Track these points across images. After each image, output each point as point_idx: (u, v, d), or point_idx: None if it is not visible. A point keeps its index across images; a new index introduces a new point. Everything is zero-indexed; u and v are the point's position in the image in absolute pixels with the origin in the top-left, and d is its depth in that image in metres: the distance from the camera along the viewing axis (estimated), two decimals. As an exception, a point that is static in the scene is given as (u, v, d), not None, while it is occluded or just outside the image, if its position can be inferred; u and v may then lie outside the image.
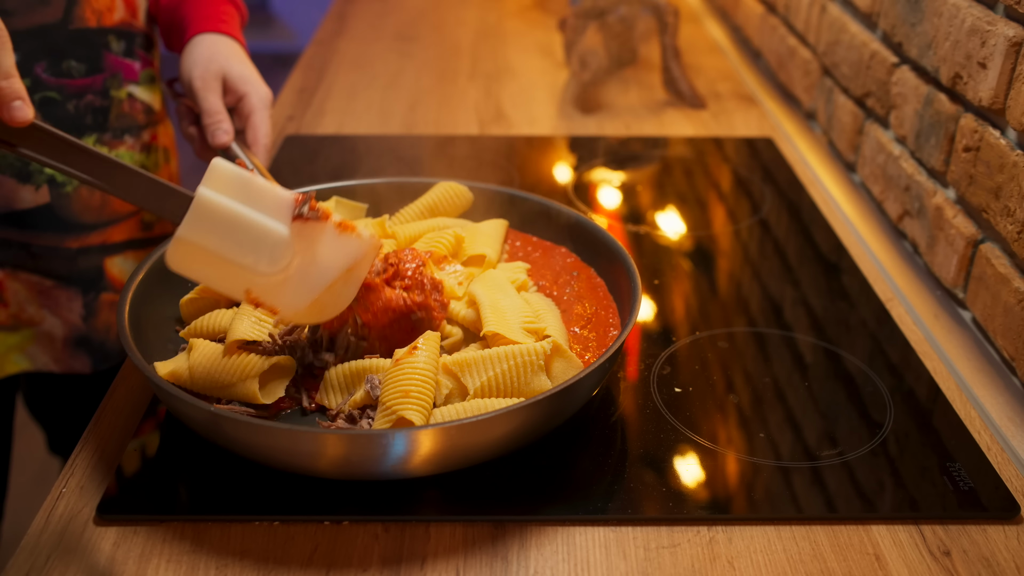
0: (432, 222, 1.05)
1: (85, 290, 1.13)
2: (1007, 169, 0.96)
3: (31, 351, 1.13)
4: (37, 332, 1.12)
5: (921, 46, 1.16)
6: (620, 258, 0.97)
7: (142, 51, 1.14)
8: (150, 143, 1.17)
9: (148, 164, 1.17)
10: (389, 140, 1.49)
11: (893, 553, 0.76)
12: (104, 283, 1.14)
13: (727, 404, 0.91)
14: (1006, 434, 0.89)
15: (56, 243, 1.09)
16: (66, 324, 1.13)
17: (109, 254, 1.14)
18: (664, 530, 0.77)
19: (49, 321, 1.12)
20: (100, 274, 1.14)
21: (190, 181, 0.85)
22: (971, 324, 1.05)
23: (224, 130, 1.04)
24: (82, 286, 1.13)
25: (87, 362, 1.15)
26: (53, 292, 1.11)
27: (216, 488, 0.80)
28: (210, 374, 0.82)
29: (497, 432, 0.76)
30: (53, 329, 1.12)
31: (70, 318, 1.13)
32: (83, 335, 1.14)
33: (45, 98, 1.04)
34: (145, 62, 1.14)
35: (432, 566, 0.74)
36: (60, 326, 1.12)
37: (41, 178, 1.06)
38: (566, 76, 1.79)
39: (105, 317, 1.15)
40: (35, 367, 1.13)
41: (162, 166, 1.21)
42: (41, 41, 1.02)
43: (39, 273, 1.10)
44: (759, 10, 1.85)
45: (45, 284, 1.10)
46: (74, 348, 1.14)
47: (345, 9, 2.18)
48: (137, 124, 1.14)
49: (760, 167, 1.43)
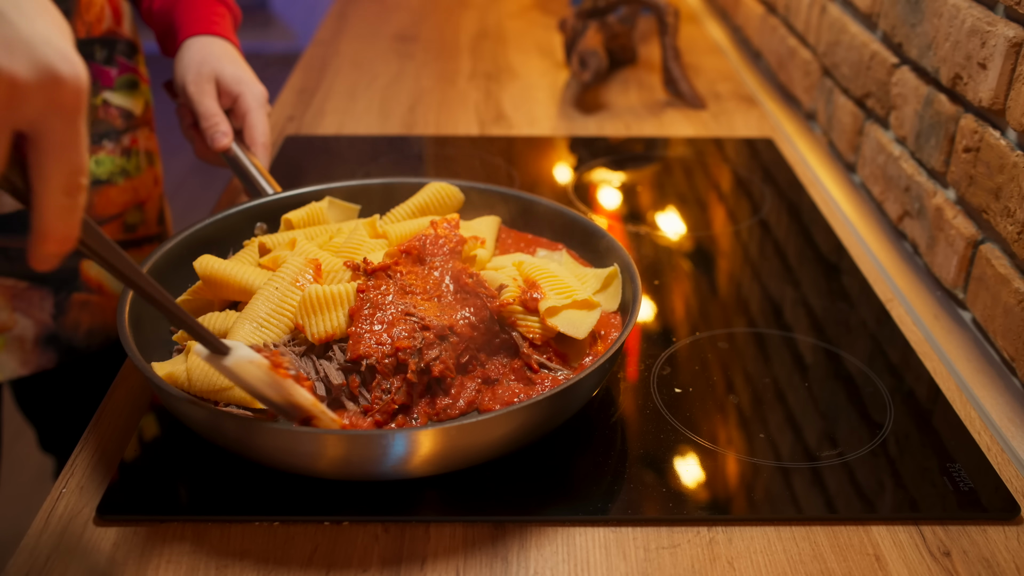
0: (422, 221, 1.05)
1: (57, 289, 1.12)
2: (1007, 170, 0.96)
3: (0, 359, 1.11)
4: (8, 338, 1.10)
5: (921, 47, 1.16)
6: (620, 258, 0.97)
7: (123, 57, 1.14)
8: (130, 147, 1.16)
9: (129, 168, 1.16)
10: (389, 140, 1.49)
11: (893, 553, 0.76)
12: (78, 283, 1.13)
13: (727, 405, 0.91)
14: (1006, 435, 0.89)
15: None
16: (37, 324, 1.11)
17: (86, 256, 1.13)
18: (664, 531, 0.77)
19: (21, 324, 1.10)
20: (75, 275, 1.13)
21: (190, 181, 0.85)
22: (971, 325, 1.05)
23: (222, 132, 1.04)
24: (55, 286, 1.12)
25: (53, 357, 1.14)
26: (26, 293, 1.10)
27: (216, 488, 0.80)
28: (208, 377, 0.82)
29: (498, 433, 0.76)
30: (24, 331, 1.11)
31: (40, 317, 1.11)
32: (52, 333, 1.13)
33: None
34: (124, 68, 1.14)
35: (432, 566, 0.74)
36: (31, 327, 1.11)
37: None
38: (566, 76, 1.79)
39: (75, 315, 1.14)
40: (4, 376, 1.12)
41: (145, 169, 1.20)
42: None
43: (14, 276, 1.09)
44: (759, 10, 1.85)
45: (19, 286, 1.09)
46: (43, 347, 1.13)
47: (345, 9, 2.18)
48: (115, 129, 1.14)
49: (760, 167, 1.43)
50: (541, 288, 0.89)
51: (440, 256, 0.91)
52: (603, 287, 0.95)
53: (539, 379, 0.85)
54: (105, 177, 1.13)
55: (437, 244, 0.92)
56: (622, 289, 0.96)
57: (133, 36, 1.17)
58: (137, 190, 1.18)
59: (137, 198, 1.19)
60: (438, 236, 0.93)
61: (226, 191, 1.35)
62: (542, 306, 0.87)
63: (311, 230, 1.01)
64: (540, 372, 0.85)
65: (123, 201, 1.16)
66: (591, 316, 0.88)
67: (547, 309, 0.87)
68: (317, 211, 1.04)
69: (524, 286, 0.90)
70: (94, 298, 1.15)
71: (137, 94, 1.17)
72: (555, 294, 0.88)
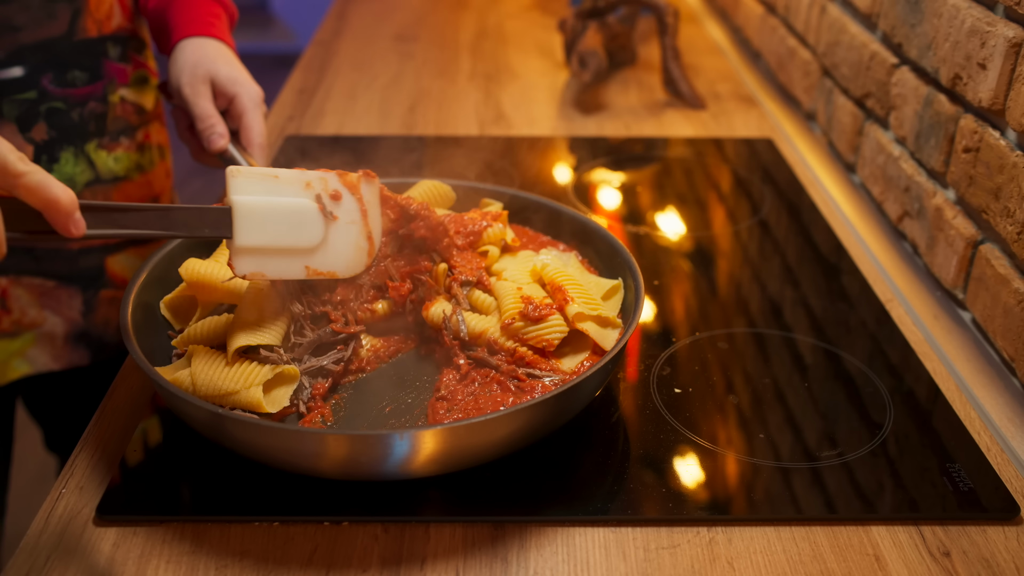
0: None
1: (85, 287, 1.14)
2: (1007, 170, 0.96)
3: (31, 354, 1.13)
4: (38, 334, 1.12)
5: (921, 47, 1.16)
6: (622, 258, 0.98)
7: (134, 53, 1.15)
8: (144, 142, 1.18)
9: (143, 163, 1.18)
10: (389, 141, 1.49)
11: (893, 554, 0.76)
12: (104, 280, 1.15)
13: (727, 405, 0.91)
14: (1006, 435, 0.89)
15: (59, 245, 1.10)
16: (66, 321, 1.13)
17: (110, 252, 1.15)
18: (664, 531, 0.77)
19: (50, 321, 1.12)
20: (101, 272, 1.15)
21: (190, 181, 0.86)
22: (971, 325, 1.05)
23: (219, 133, 1.04)
24: (82, 284, 1.14)
25: (86, 355, 1.16)
26: (55, 292, 1.12)
27: (216, 489, 0.80)
28: (213, 381, 0.82)
29: (500, 433, 0.76)
30: (54, 328, 1.13)
31: (70, 315, 1.13)
32: (82, 330, 1.15)
33: (52, 108, 1.05)
34: (136, 64, 1.15)
35: (432, 567, 0.74)
36: (61, 324, 1.13)
37: None
38: (566, 76, 1.79)
39: (104, 312, 1.16)
40: (35, 370, 1.13)
41: (158, 163, 1.21)
42: (48, 54, 1.04)
43: (41, 275, 1.11)
44: (759, 11, 1.85)
45: (47, 285, 1.11)
46: (74, 343, 1.15)
47: (345, 9, 2.18)
48: (131, 125, 1.15)
49: (760, 168, 1.43)
50: (568, 293, 0.90)
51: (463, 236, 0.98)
52: (605, 297, 0.96)
53: (528, 387, 0.85)
54: (123, 173, 1.14)
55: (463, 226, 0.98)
56: (623, 290, 0.96)
57: (141, 31, 1.18)
58: (151, 184, 1.20)
59: (152, 192, 1.20)
60: (469, 221, 0.98)
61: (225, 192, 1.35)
62: (570, 310, 0.89)
63: None
64: (528, 381, 0.86)
65: (139, 196, 1.18)
66: (612, 333, 0.90)
67: (576, 314, 0.88)
68: None
69: (548, 289, 0.93)
70: (120, 294, 1.17)
71: (148, 89, 1.18)
72: (582, 302, 0.90)
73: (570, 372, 0.87)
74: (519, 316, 0.88)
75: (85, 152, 1.09)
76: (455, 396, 0.85)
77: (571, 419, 0.85)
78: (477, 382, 0.86)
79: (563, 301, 0.90)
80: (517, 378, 0.86)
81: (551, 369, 0.87)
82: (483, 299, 0.93)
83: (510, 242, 1.02)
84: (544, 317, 0.88)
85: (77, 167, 1.08)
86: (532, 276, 0.96)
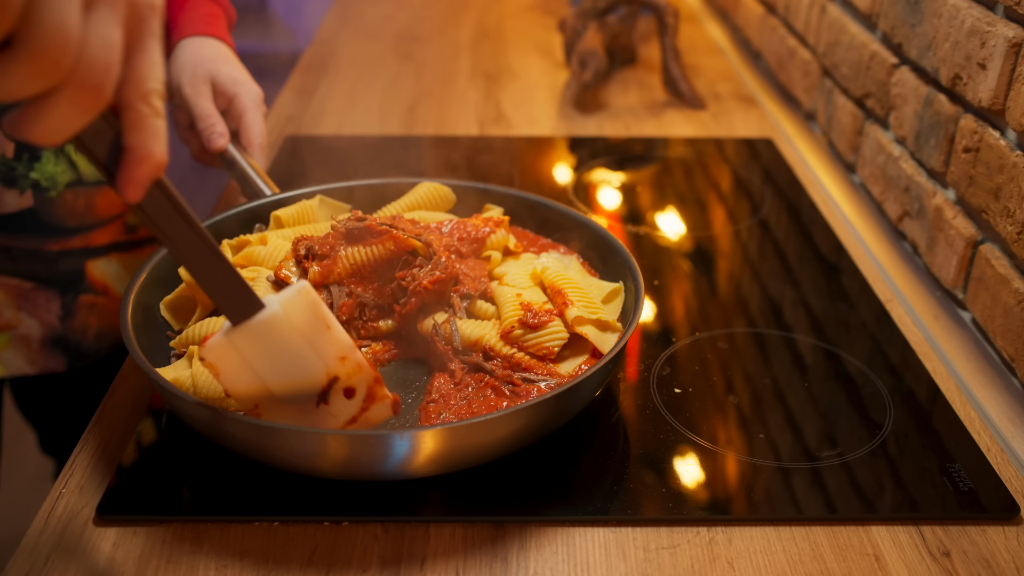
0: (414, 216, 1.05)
1: (64, 291, 1.12)
2: (1007, 170, 0.96)
3: (5, 356, 1.11)
4: (13, 336, 1.10)
5: (921, 47, 1.16)
6: (622, 258, 0.98)
7: None
8: None
9: None
10: (389, 141, 1.49)
11: (893, 554, 0.76)
12: (84, 285, 1.13)
13: (727, 405, 0.91)
14: (1006, 435, 0.89)
15: (38, 246, 1.08)
16: (43, 325, 1.11)
17: (91, 256, 1.13)
18: (664, 531, 0.77)
19: (26, 323, 1.10)
20: (81, 276, 1.13)
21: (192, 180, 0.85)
22: (971, 325, 1.05)
23: (219, 133, 1.04)
24: (61, 287, 1.11)
25: (63, 361, 1.14)
26: (32, 294, 1.10)
27: (216, 489, 0.80)
28: (213, 381, 0.82)
29: (500, 433, 0.76)
30: (30, 331, 1.11)
31: (47, 319, 1.11)
32: (59, 335, 1.13)
33: None
34: None
35: (432, 567, 0.74)
36: (37, 327, 1.11)
37: (26, 183, 1.05)
38: (566, 76, 1.79)
39: (83, 318, 1.14)
40: (9, 372, 1.11)
41: None
42: None
43: (19, 276, 1.08)
44: (759, 11, 1.85)
45: (24, 287, 1.09)
46: (50, 348, 1.13)
47: (345, 9, 2.18)
48: None
49: (760, 168, 1.43)
50: (568, 296, 0.90)
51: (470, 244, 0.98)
52: (606, 300, 0.96)
53: (523, 391, 0.85)
54: None
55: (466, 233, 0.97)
56: (624, 293, 0.96)
57: None
58: None
59: None
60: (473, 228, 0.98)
61: (224, 192, 1.35)
62: (570, 314, 0.88)
63: (287, 231, 1.01)
64: (523, 386, 0.86)
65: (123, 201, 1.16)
66: (611, 336, 0.90)
67: (576, 318, 0.88)
68: (308, 209, 1.04)
69: (548, 293, 0.93)
70: (100, 300, 1.15)
71: None
72: (582, 305, 0.90)
73: (567, 376, 0.87)
74: (518, 324, 0.88)
75: (65, 152, 1.06)
76: (448, 400, 0.85)
77: (571, 419, 0.85)
78: (471, 387, 0.86)
79: (563, 305, 0.90)
80: (512, 383, 0.86)
81: (548, 373, 0.87)
82: (483, 306, 0.93)
83: (512, 247, 1.02)
84: (544, 324, 0.88)
85: (58, 167, 1.06)
86: (533, 279, 0.96)
